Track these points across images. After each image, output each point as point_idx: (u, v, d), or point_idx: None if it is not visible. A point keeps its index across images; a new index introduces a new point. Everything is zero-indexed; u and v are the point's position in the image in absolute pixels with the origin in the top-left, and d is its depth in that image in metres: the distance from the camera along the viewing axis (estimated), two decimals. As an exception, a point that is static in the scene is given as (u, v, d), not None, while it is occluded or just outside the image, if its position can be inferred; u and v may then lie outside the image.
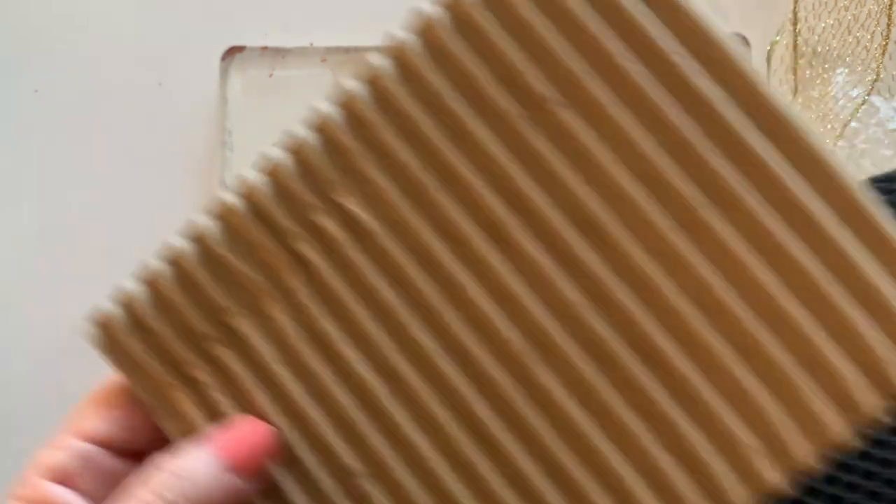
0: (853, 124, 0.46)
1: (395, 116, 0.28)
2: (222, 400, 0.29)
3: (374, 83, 0.28)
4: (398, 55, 0.28)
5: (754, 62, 0.47)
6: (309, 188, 0.29)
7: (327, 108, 0.28)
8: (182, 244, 0.29)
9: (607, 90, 0.27)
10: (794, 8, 0.45)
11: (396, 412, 0.29)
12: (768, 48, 0.47)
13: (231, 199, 0.29)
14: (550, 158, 0.27)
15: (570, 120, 0.27)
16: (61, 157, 0.41)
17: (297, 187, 0.29)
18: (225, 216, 0.29)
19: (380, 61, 0.28)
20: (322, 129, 0.28)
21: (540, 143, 0.27)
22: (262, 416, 0.29)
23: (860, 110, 0.44)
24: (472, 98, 0.28)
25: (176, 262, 0.29)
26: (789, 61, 0.46)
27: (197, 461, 0.26)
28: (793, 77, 0.46)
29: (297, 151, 0.29)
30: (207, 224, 0.29)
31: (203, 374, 0.29)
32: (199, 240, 0.29)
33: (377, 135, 0.28)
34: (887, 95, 0.47)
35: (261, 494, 0.28)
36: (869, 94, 0.43)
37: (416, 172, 0.28)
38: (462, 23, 0.28)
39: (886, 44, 0.43)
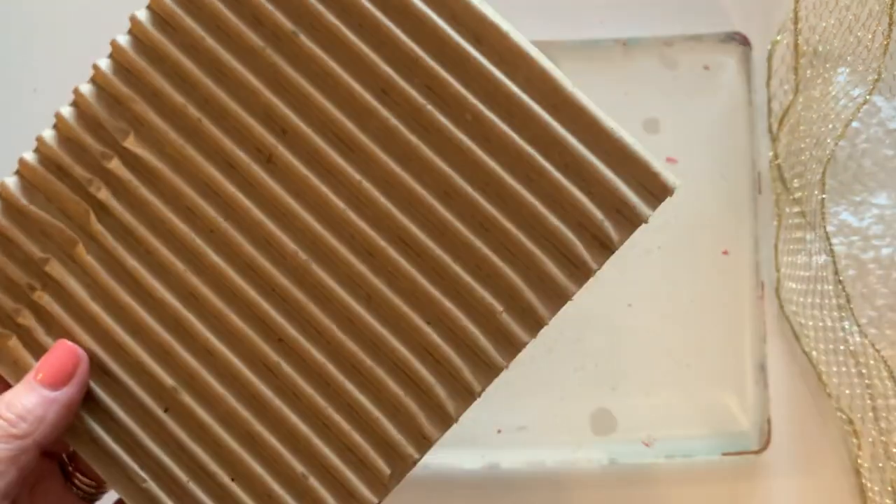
0: (855, 124, 0.46)
1: (160, 62, 0.31)
2: (50, 341, 0.31)
3: (136, 34, 0.31)
4: (155, 6, 0.31)
5: (755, 62, 0.47)
6: (97, 138, 0.31)
7: (102, 62, 0.31)
8: None
9: (340, 18, 0.30)
10: (795, 7, 0.45)
11: (204, 330, 0.31)
12: (769, 48, 0.47)
13: (28, 156, 0.32)
14: (300, 82, 0.30)
15: (313, 47, 0.30)
16: (61, 157, 0.41)
17: (85, 138, 0.31)
18: (25, 173, 0.32)
19: (140, 14, 0.31)
20: (97, 81, 0.31)
21: (290, 71, 0.30)
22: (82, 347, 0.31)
23: (861, 110, 0.43)
24: (227, 38, 0.31)
25: None
26: (790, 61, 0.46)
27: (19, 386, 0.30)
28: (794, 77, 0.46)
29: (80, 105, 0.31)
30: (11, 181, 0.32)
31: (30, 321, 0.32)
32: (2, 197, 0.32)
33: (147, 80, 0.31)
34: (889, 95, 0.46)
35: (90, 416, 0.31)
36: (870, 94, 0.43)
37: (188, 110, 0.31)
38: None
39: (888, 43, 0.42)
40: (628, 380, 0.45)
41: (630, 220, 0.30)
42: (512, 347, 0.30)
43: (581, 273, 0.30)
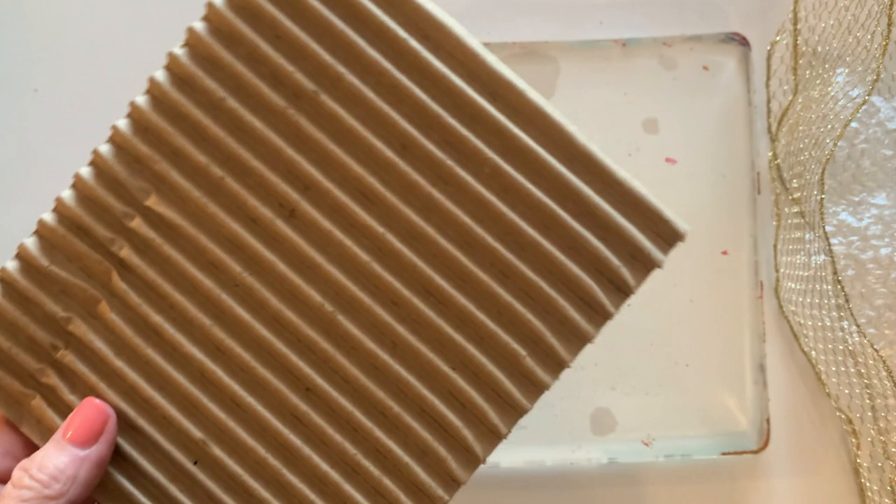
0: (853, 124, 0.46)
1: (180, 122, 0.31)
2: (74, 400, 0.31)
3: (155, 94, 0.31)
4: (174, 67, 0.31)
5: (754, 62, 0.47)
6: (117, 197, 0.31)
7: (121, 122, 0.31)
8: (7, 264, 0.32)
9: (359, 78, 0.31)
10: (794, 8, 0.45)
11: (231, 382, 0.31)
12: (768, 48, 0.47)
13: (47, 216, 0.31)
14: (322, 139, 0.31)
15: (334, 106, 0.31)
16: (61, 157, 0.41)
17: (105, 198, 0.31)
18: (44, 233, 0.31)
19: (158, 75, 0.31)
20: (116, 141, 0.31)
21: (311, 128, 0.31)
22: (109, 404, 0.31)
23: (860, 110, 0.44)
24: (248, 97, 0.31)
25: (2, 280, 0.31)
26: (789, 61, 0.46)
27: (48, 446, 0.30)
28: (793, 77, 0.46)
29: (99, 165, 0.31)
30: (31, 242, 0.31)
31: (53, 380, 0.31)
32: (22, 258, 0.31)
33: (168, 140, 0.31)
34: (887, 95, 0.47)
35: (118, 471, 0.31)
36: (869, 95, 0.43)
37: (211, 169, 0.31)
38: (225, 32, 0.31)
39: (887, 44, 0.43)
40: (628, 380, 0.45)
41: (644, 265, 0.31)
42: (535, 389, 0.31)
43: (599, 316, 0.31)
